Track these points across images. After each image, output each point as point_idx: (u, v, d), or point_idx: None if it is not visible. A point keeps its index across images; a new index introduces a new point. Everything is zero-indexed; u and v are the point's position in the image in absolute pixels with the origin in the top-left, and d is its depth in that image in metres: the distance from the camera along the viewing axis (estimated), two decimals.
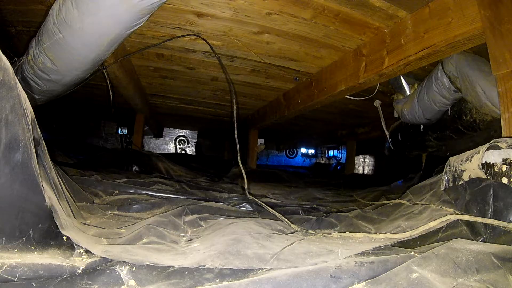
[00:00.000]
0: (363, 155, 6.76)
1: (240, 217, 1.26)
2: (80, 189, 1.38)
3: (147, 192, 1.57)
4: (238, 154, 1.76)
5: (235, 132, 1.83)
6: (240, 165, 1.76)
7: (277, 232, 1.02)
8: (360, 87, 2.19)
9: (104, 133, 6.14)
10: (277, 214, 1.27)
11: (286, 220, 1.19)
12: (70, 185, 1.24)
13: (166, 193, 1.61)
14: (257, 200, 1.52)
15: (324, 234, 1.03)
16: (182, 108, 4.46)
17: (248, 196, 1.59)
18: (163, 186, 2.01)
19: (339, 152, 7.38)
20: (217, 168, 4.75)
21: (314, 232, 1.07)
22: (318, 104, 2.84)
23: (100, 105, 4.67)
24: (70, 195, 1.06)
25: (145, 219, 1.09)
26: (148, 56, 2.54)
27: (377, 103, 3.04)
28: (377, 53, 1.87)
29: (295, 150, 8.01)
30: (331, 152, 7.78)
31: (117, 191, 1.49)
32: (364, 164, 6.81)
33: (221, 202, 1.65)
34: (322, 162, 7.96)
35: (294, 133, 5.83)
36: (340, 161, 7.22)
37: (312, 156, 8.22)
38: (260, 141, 4.29)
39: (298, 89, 3.05)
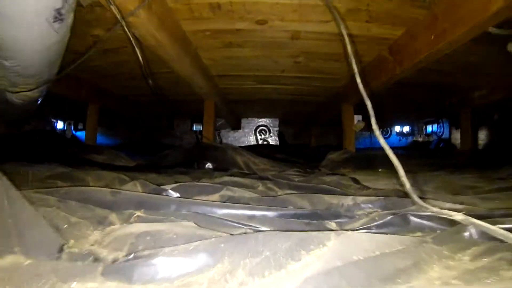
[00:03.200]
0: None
1: None
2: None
3: (196, 211, 0.82)
4: (373, 120, 0.91)
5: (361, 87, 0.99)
6: None
7: None
8: None
9: (178, 131, 5.75)
10: None
11: None
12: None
13: (237, 209, 0.84)
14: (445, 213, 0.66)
15: None
16: (257, 90, 3.73)
17: (417, 201, 0.71)
18: (236, 190, 1.27)
19: (440, 127, 6.05)
20: (305, 157, 4.03)
21: None
22: (446, 49, 1.85)
23: (172, 102, 4.19)
24: None
25: None
26: (200, 10, 1.82)
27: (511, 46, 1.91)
28: None
29: (388, 129, 6.83)
30: (429, 128, 6.45)
31: (139, 213, 0.76)
32: None
33: (343, 219, 0.83)
34: (420, 140, 6.66)
35: (387, 107, 4.68)
36: (442, 137, 5.90)
37: (408, 134, 6.93)
38: (357, 118, 3.36)
39: (413, 33, 2.09)
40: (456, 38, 1.67)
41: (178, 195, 1.10)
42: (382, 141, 0.80)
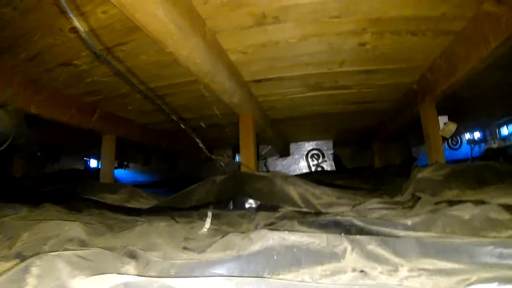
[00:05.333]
0: None
1: None
2: None
3: None
4: None
5: None
6: None
7: None
8: None
9: (219, 163, 5.01)
10: None
11: None
12: None
13: None
14: None
15: None
16: (307, 101, 2.93)
17: None
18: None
19: None
20: (372, 180, 3.26)
21: None
22: None
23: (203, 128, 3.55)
24: None
25: None
26: None
27: None
28: None
29: (458, 137, 5.66)
30: (503, 130, 5.20)
31: None
32: None
33: None
34: (495, 146, 5.40)
35: (456, 108, 3.57)
36: None
37: (480, 141, 5.68)
38: (443, 119, 2.41)
39: None
40: None
41: None
42: None
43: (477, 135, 5.62)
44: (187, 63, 1.60)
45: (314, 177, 3.42)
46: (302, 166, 5.21)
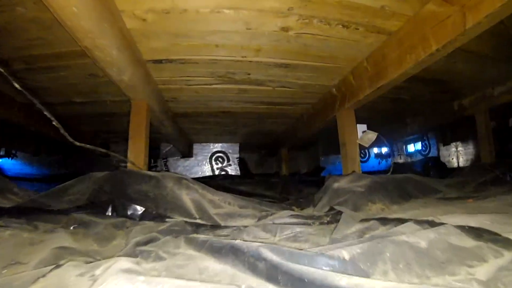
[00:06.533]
0: (454, 143, 4.72)
1: None
2: None
3: None
4: None
5: None
6: None
7: None
8: None
9: (115, 160, 4.33)
10: None
11: None
12: None
13: None
14: None
15: None
16: (212, 94, 2.59)
17: None
18: None
19: (424, 145, 5.34)
20: (280, 188, 3.05)
21: None
22: None
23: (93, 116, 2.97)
24: None
25: None
26: None
27: None
28: None
29: (366, 151, 5.96)
30: (409, 148, 5.71)
31: None
32: (457, 155, 4.74)
33: None
34: (401, 161, 5.86)
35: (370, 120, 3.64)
36: (428, 155, 5.15)
37: (387, 156, 6.11)
38: (362, 127, 2.29)
39: None
40: None
41: None
42: None
43: (384, 149, 5.96)
44: (60, 14, 1.13)
45: (216, 182, 3.10)
46: (206, 169, 4.84)
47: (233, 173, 4.85)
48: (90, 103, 2.71)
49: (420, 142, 5.51)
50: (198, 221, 1.33)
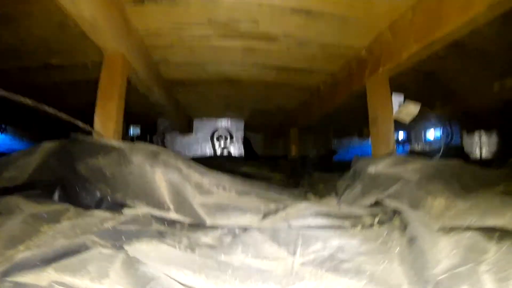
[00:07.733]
0: (478, 131, 4.23)
1: None
2: None
3: None
4: None
5: None
6: None
7: None
8: None
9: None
10: None
11: None
12: None
13: None
14: None
15: None
16: (210, 53, 2.11)
17: None
18: None
19: (446, 132, 4.76)
20: (288, 171, 2.64)
21: None
22: None
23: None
24: None
25: None
26: None
27: None
28: None
29: None
30: (428, 134, 5.18)
31: None
32: (480, 145, 4.21)
33: None
34: (418, 149, 5.36)
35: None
36: (450, 143, 4.58)
37: (404, 142, 5.62)
38: (398, 98, 1.79)
39: None
40: None
41: None
42: None
43: (401, 135, 5.48)
44: None
45: (218, 162, 2.66)
46: (206, 148, 4.38)
47: (236, 153, 4.40)
48: (70, 67, 2.25)
49: (441, 129, 4.94)
50: (172, 215, 0.88)
